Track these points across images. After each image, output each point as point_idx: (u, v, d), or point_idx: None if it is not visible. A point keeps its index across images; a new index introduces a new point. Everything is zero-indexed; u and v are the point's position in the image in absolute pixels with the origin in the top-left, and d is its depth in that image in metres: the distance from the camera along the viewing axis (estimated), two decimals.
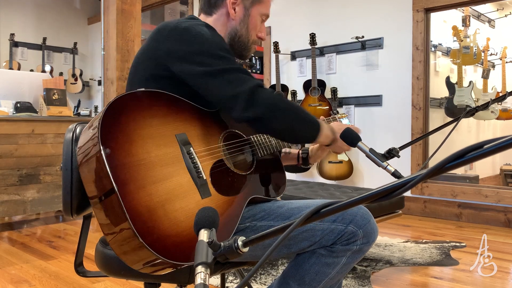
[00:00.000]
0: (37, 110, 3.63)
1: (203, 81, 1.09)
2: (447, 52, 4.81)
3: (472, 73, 5.01)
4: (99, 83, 7.11)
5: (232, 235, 1.06)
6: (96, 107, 6.60)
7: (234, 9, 1.27)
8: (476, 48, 4.30)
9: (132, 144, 0.97)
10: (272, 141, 1.28)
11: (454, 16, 4.69)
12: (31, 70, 6.60)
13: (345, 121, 1.50)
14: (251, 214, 1.16)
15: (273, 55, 4.80)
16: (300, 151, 1.47)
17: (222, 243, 0.67)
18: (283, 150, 1.45)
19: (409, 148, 3.92)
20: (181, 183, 1.01)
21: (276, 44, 4.71)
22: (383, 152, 1.30)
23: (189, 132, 1.09)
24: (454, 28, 4.33)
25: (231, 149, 1.20)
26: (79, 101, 4.36)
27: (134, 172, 0.94)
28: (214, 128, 1.17)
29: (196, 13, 5.47)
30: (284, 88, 4.63)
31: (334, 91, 4.29)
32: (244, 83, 1.08)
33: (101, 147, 0.92)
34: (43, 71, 6.70)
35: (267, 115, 1.08)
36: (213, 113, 1.18)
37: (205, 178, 1.06)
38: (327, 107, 4.33)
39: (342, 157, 4.18)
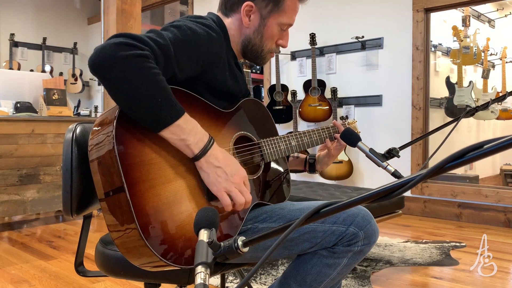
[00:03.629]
0: (37, 110, 3.63)
1: None
2: (447, 52, 4.81)
3: (472, 73, 5.01)
4: (99, 83, 7.10)
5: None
6: (96, 107, 6.59)
7: (249, 17, 1.21)
8: (476, 48, 4.30)
9: (144, 143, 0.97)
10: (282, 146, 1.26)
11: (454, 16, 4.69)
12: (31, 70, 6.60)
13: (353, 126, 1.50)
14: (253, 216, 1.16)
15: None
16: (308, 157, 1.46)
17: (222, 243, 0.67)
18: (291, 154, 1.43)
19: (409, 148, 3.92)
20: (189, 185, 1.00)
21: None
22: (383, 152, 1.30)
23: None
24: (454, 28, 4.33)
25: (240, 152, 1.19)
26: (79, 101, 4.36)
27: (144, 171, 0.94)
28: (227, 130, 1.16)
29: (195, 14, 5.46)
30: (284, 88, 4.63)
31: (334, 91, 4.29)
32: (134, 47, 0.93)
33: (115, 144, 0.92)
34: (43, 71, 6.70)
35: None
36: (227, 113, 1.18)
37: None
38: (327, 107, 4.33)
39: (342, 157, 4.18)
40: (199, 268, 0.61)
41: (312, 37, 4.39)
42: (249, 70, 3.74)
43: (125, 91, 0.92)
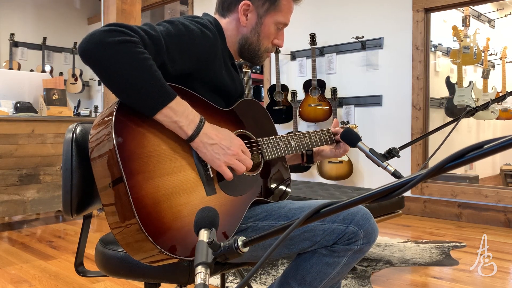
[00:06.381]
0: (37, 110, 3.63)
1: None
2: (447, 52, 4.81)
3: (472, 73, 5.01)
4: (99, 83, 7.10)
5: (233, 234, 1.06)
6: (96, 107, 6.59)
7: (246, 16, 1.23)
8: (476, 48, 4.30)
9: (144, 136, 0.98)
10: (281, 146, 1.27)
11: (454, 16, 4.69)
12: (31, 70, 6.60)
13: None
14: (253, 214, 1.16)
15: (273, 55, 4.80)
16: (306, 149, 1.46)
17: (222, 243, 0.67)
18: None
19: (409, 148, 3.92)
20: (188, 179, 1.02)
21: None
22: (383, 152, 1.30)
23: None
24: (454, 28, 4.33)
25: None
26: (79, 101, 4.36)
27: (143, 163, 0.95)
28: (226, 128, 1.15)
29: (196, 14, 5.45)
30: (284, 88, 4.63)
31: (334, 91, 4.29)
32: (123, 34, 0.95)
33: (114, 136, 0.92)
34: (43, 71, 6.69)
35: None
36: (225, 112, 1.18)
37: (212, 175, 1.07)
38: (327, 107, 4.33)
39: (342, 157, 4.18)
40: (199, 268, 0.61)
41: (312, 37, 4.39)
42: (249, 70, 3.73)
43: (117, 77, 0.93)
